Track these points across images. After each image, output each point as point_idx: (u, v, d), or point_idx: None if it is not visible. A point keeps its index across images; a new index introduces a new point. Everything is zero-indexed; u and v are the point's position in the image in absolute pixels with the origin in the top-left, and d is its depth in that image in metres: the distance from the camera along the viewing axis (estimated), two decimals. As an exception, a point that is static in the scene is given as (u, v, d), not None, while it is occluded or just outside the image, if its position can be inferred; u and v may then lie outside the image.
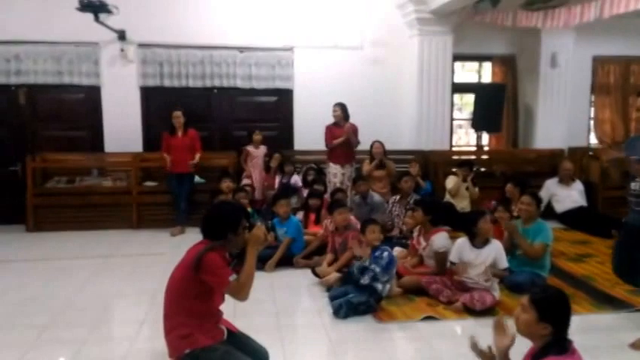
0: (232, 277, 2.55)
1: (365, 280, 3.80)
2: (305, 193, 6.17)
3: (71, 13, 5.98)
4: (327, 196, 5.95)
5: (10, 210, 6.44)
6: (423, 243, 4.36)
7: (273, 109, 7.36)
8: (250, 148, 6.63)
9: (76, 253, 5.47)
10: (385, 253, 3.89)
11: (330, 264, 4.52)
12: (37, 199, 6.31)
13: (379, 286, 3.81)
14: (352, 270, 3.94)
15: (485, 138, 8.16)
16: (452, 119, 7.79)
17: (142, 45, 6.82)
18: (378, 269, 3.80)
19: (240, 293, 2.57)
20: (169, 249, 5.60)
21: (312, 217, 5.68)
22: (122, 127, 6.86)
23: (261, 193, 6.51)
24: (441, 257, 4.16)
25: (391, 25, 7.28)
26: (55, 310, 3.92)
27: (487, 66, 8.15)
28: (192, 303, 2.59)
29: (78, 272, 4.86)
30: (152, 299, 4.23)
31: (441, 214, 4.58)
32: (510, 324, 2.16)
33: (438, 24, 6.98)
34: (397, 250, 4.74)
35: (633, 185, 3.36)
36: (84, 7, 5.84)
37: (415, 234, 4.51)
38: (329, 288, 4.14)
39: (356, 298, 3.74)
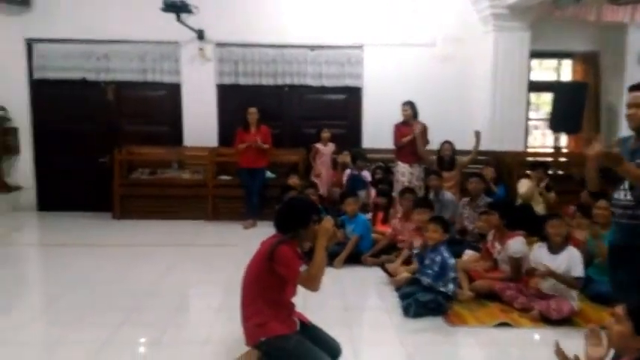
0: (302, 268, 2.70)
1: (425, 281, 3.83)
2: (373, 191, 6.22)
3: (155, 14, 6.37)
4: (394, 194, 5.96)
5: (98, 198, 6.96)
6: (498, 247, 4.28)
7: (342, 107, 7.45)
8: (319, 146, 6.76)
9: (157, 241, 5.83)
10: (438, 258, 3.85)
11: (403, 263, 4.53)
12: (122, 189, 6.78)
13: (441, 288, 3.80)
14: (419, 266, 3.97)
15: (564, 139, 7.83)
16: (527, 119, 7.54)
17: (219, 44, 7.12)
18: (431, 273, 3.80)
19: (312, 284, 2.71)
20: (242, 241, 5.85)
21: (380, 216, 5.72)
22: (200, 122, 7.21)
23: (327, 190, 6.62)
24: (517, 263, 4.07)
25: (465, 21, 7.16)
26: (139, 294, 4.22)
27: (566, 63, 7.80)
28: (267, 293, 2.74)
29: (159, 259, 5.19)
30: (227, 288, 4.46)
31: (517, 217, 4.48)
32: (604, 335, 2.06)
33: (514, 19, 6.78)
34: (468, 254, 4.69)
35: (617, 194, 2.79)
36: (167, 8, 6.20)
37: (490, 237, 4.43)
38: (399, 287, 4.17)
39: (424, 297, 3.76)
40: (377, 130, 7.04)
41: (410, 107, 6.17)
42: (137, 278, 4.64)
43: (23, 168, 7.18)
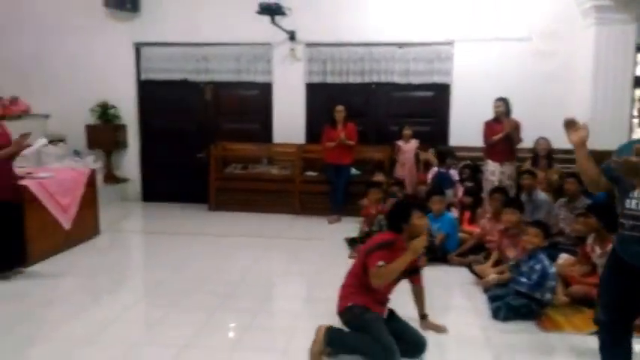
0: (381, 264, 2.93)
1: (521, 287, 3.72)
2: (460, 190, 6.12)
3: (250, 18, 6.69)
4: (483, 194, 5.83)
5: (196, 191, 7.44)
6: (598, 251, 4.05)
7: (429, 105, 7.37)
8: (400, 143, 6.76)
9: (248, 232, 6.14)
10: (538, 266, 3.70)
11: (493, 265, 4.44)
12: (217, 183, 7.20)
13: (537, 295, 3.68)
14: (513, 274, 3.87)
15: (673, 138, 7.20)
16: (631, 117, 7.02)
17: (309, 44, 7.33)
18: (528, 281, 3.68)
19: (376, 279, 2.96)
20: (327, 235, 6.02)
21: (467, 215, 5.63)
22: (289, 120, 7.47)
23: (412, 187, 6.60)
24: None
25: (563, 14, 6.80)
26: (232, 281, 4.49)
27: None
28: (365, 280, 3.04)
29: (250, 249, 5.48)
30: (314, 279, 4.63)
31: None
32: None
33: (618, 12, 6.34)
34: (564, 257, 4.49)
35: (629, 202, 2.36)
36: (262, 11, 6.49)
37: (589, 241, 4.21)
38: (487, 289, 4.09)
39: (516, 301, 3.65)
40: (464, 127, 6.90)
41: (503, 103, 5.99)
42: (230, 266, 4.93)
43: (130, 161, 7.84)
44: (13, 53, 7.51)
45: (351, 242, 5.48)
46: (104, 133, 7.46)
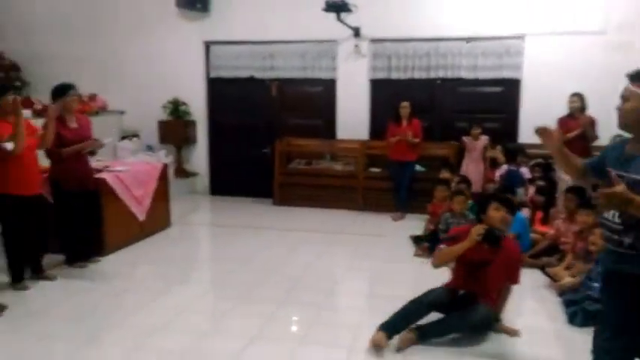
0: (442, 247, 3.25)
1: (594, 292, 3.52)
2: (532, 189, 5.88)
3: (315, 15, 6.73)
4: (557, 194, 5.58)
5: (261, 185, 7.60)
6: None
7: (498, 100, 7.12)
8: (466, 139, 6.59)
9: (311, 227, 6.20)
10: None
11: (566, 267, 4.26)
12: (282, 178, 7.32)
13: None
14: (586, 280, 3.70)
15: None
16: None
17: (373, 40, 7.27)
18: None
19: (434, 259, 3.45)
20: (390, 232, 5.97)
21: (539, 215, 5.40)
22: (352, 116, 7.46)
23: (479, 186, 6.41)
24: None
25: (641, 5, 6.36)
26: (297, 275, 4.56)
27: None
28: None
29: (314, 244, 5.53)
30: (377, 276, 4.62)
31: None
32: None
33: None
34: None
35: (606, 213, 2.19)
36: (329, 8, 6.52)
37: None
38: (561, 292, 3.93)
39: (592, 307, 3.46)
40: (535, 124, 6.54)
41: (579, 99, 5.71)
42: (294, 260, 5.00)
43: (199, 156, 8.12)
44: (92, 52, 7.95)
45: (417, 240, 5.41)
46: (175, 128, 7.76)
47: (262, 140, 7.68)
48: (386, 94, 7.28)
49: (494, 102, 7.13)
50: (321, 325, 3.61)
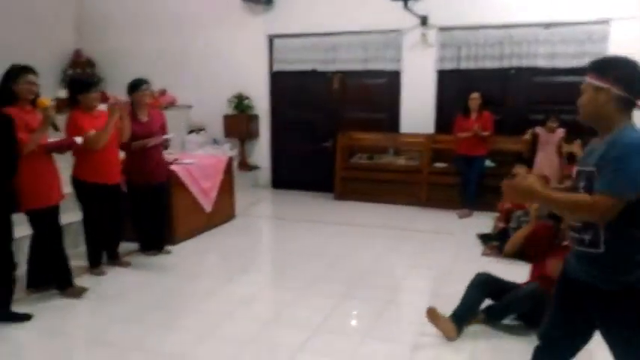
0: None
1: None
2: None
3: (380, 4, 6.58)
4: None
5: (322, 179, 7.56)
6: None
7: (578, 91, 6.64)
8: (540, 131, 6.21)
9: (373, 222, 6.08)
10: None
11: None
12: (343, 172, 7.24)
13: None
14: None
15: None
16: None
17: (442, 29, 7.01)
18: None
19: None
20: (456, 230, 5.75)
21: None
22: (417, 109, 7.24)
23: (554, 182, 6.03)
24: None
25: None
26: (359, 270, 4.47)
27: None
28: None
29: (376, 240, 5.42)
30: (441, 275, 4.45)
31: None
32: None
33: None
34: None
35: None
36: (396, -4, 6.34)
37: None
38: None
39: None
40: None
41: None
42: (356, 256, 4.91)
43: (261, 150, 8.18)
44: (162, 48, 8.17)
45: (485, 239, 5.17)
46: (239, 122, 7.86)
47: (324, 134, 7.62)
48: (454, 86, 7.01)
49: (573, 92, 6.64)
50: (385, 320, 3.53)
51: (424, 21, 6.91)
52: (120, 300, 3.84)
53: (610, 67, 1.95)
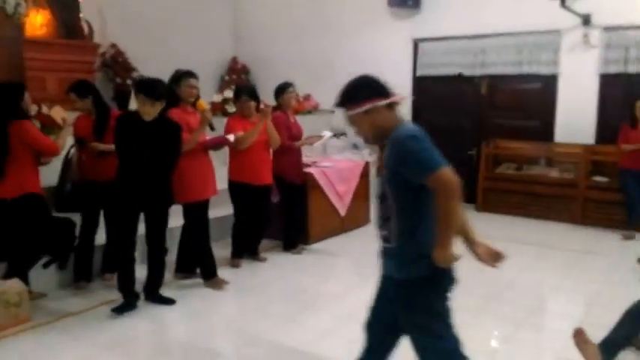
0: None
1: None
2: None
3: (535, 3, 6.13)
4: None
5: (463, 189, 7.23)
6: None
7: None
8: None
9: (517, 237, 5.66)
10: None
11: None
12: (486, 183, 6.87)
13: None
14: None
15: None
16: None
17: (607, 28, 6.28)
18: None
19: None
20: (616, 252, 5.13)
21: None
22: (575, 117, 6.59)
23: None
24: None
25: None
26: (497, 286, 4.20)
27: None
28: None
29: (517, 256, 5.00)
30: (592, 300, 4.02)
31: None
32: None
33: None
34: None
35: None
36: (552, -6, 5.86)
37: None
38: None
39: None
40: None
41: None
42: (496, 270, 4.59)
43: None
44: (308, 53, 8.55)
45: (649, 264, 4.52)
46: (379, 127, 7.89)
47: (468, 141, 7.31)
48: (620, 92, 6.24)
49: None
50: (519, 341, 3.31)
51: (586, 20, 6.27)
52: (253, 292, 4.14)
53: (354, 92, 2.10)
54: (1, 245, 3.69)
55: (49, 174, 3.92)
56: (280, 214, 4.93)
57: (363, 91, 2.08)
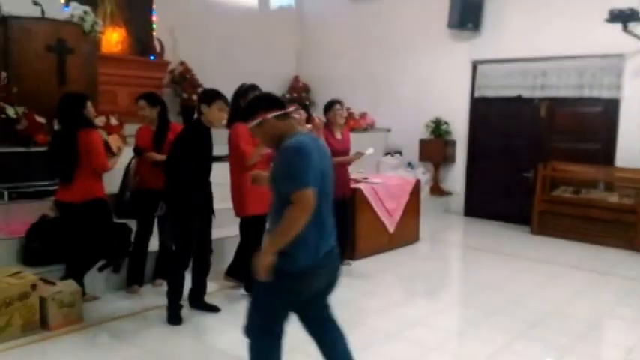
0: None
1: None
2: None
3: (597, 26, 6.01)
4: None
5: (518, 212, 7.13)
6: None
7: None
8: None
9: (570, 262, 5.53)
10: None
11: None
12: (542, 205, 6.72)
13: None
14: None
15: None
16: None
17: (674, 52, 6.07)
18: None
19: None
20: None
21: None
22: (637, 141, 6.37)
23: None
24: None
25: None
26: (544, 311, 4.15)
27: None
28: None
29: (570, 281, 4.94)
30: (644, 331, 3.85)
31: None
32: None
33: None
34: None
35: None
36: (613, 18, 5.74)
37: None
38: None
39: None
40: None
41: None
42: (543, 294, 4.56)
43: (456, 176, 8.08)
44: (368, 73, 8.73)
45: None
46: (435, 147, 7.92)
47: (524, 163, 7.21)
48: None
49: None
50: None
51: (650, 44, 6.07)
52: None
53: (250, 108, 2.43)
54: (62, 247, 3.95)
55: (112, 182, 4.22)
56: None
57: (256, 107, 2.40)
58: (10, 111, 4.64)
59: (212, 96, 3.70)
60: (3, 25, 4.86)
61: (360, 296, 4.44)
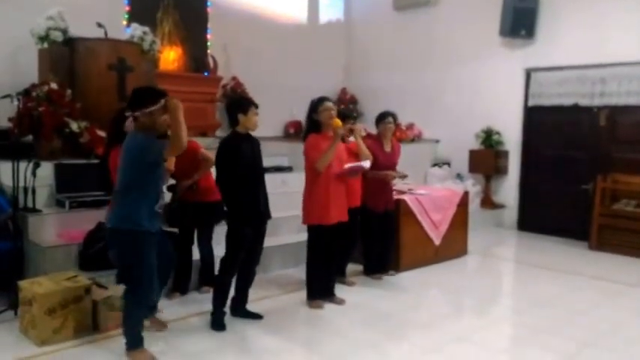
0: None
1: None
2: None
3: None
4: None
5: (576, 226, 6.80)
6: None
7: None
8: None
9: (631, 280, 5.20)
10: None
11: None
12: (602, 219, 6.37)
13: None
14: None
15: None
16: None
17: None
18: None
19: None
20: None
21: None
22: None
23: None
24: None
25: None
26: (599, 331, 3.93)
27: None
28: None
29: (630, 300, 4.65)
30: None
31: None
32: None
33: None
34: None
35: None
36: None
37: None
38: None
39: None
40: None
41: None
42: (598, 313, 4.31)
43: (508, 188, 7.80)
44: (417, 84, 8.61)
45: None
46: (485, 158, 7.70)
47: (582, 175, 6.89)
48: None
49: None
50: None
51: None
52: (337, 315, 4.16)
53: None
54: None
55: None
56: (363, 239, 4.95)
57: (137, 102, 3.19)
58: (74, 125, 4.98)
59: (247, 105, 3.81)
60: (70, 46, 5.22)
61: (402, 309, 4.35)
